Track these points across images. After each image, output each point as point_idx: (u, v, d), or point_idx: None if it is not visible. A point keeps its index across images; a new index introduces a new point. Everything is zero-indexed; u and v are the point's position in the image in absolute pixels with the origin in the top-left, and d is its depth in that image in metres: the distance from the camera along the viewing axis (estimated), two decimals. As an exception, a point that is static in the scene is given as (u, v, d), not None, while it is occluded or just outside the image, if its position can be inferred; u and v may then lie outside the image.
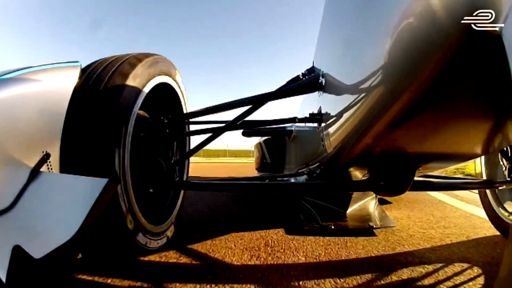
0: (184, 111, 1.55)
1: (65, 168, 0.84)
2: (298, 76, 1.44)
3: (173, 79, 1.41)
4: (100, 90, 0.95)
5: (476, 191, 1.88)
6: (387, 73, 0.53)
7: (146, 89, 1.13)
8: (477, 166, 1.82)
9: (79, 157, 0.92)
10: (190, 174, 1.75)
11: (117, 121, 0.95)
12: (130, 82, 1.02)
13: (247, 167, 8.37)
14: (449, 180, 1.19)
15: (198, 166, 9.32)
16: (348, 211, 1.81)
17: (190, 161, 1.77)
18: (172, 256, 1.18)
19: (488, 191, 1.68)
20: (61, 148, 0.82)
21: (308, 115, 1.12)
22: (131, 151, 1.22)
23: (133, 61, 1.07)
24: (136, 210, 1.05)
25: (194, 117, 1.43)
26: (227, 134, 1.54)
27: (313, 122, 1.13)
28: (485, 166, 1.74)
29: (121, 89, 0.98)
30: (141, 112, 1.42)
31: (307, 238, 1.43)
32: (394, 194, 0.98)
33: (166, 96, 1.49)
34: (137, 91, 1.06)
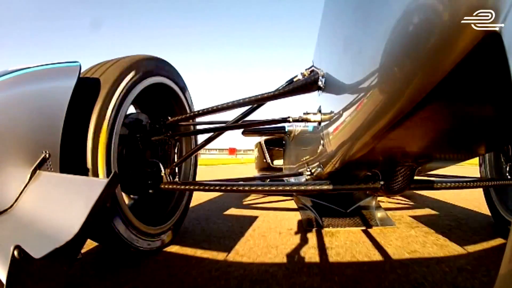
0: (185, 112, 1.55)
1: (65, 168, 0.84)
2: (297, 76, 1.43)
3: (172, 80, 1.41)
4: (92, 92, 0.98)
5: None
6: (386, 73, 0.53)
7: (137, 90, 1.14)
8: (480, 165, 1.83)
9: (79, 157, 0.93)
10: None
11: (103, 122, 0.97)
12: (120, 84, 1.04)
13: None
14: (450, 179, 1.19)
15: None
16: (348, 211, 1.81)
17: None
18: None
19: (491, 189, 1.68)
20: (61, 148, 0.82)
21: (308, 115, 1.12)
22: (126, 152, 1.22)
23: (126, 64, 1.09)
24: (125, 210, 1.05)
25: (193, 117, 1.42)
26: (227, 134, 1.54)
27: (312, 122, 1.12)
28: (488, 165, 1.74)
29: (110, 90, 1.00)
30: (139, 113, 1.42)
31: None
32: (394, 194, 0.98)
33: (166, 97, 1.48)
34: (126, 92, 1.07)
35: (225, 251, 1.24)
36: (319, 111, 1.11)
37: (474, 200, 2.41)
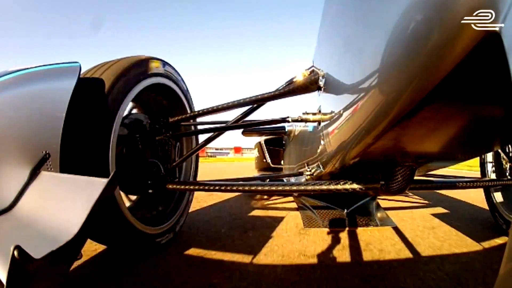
0: (186, 112, 1.55)
1: (65, 168, 0.84)
2: (297, 76, 1.43)
3: (172, 80, 1.41)
4: (92, 93, 0.99)
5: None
6: (387, 73, 0.53)
7: (137, 90, 1.14)
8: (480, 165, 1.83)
9: (79, 157, 0.93)
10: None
11: (103, 122, 0.98)
12: (119, 84, 1.04)
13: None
14: (450, 179, 1.19)
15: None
16: (348, 211, 1.81)
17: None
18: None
19: (491, 189, 1.68)
20: (61, 148, 0.82)
21: (307, 115, 1.12)
22: (126, 152, 1.22)
23: (126, 64, 1.09)
24: (124, 210, 1.05)
25: (194, 118, 1.42)
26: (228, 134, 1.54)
27: (312, 122, 1.12)
28: (489, 164, 1.74)
29: (108, 91, 1.00)
30: (139, 113, 1.42)
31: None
32: (394, 194, 0.98)
33: (166, 97, 1.48)
34: (124, 92, 1.07)
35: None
36: (319, 111, 1.11)
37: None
